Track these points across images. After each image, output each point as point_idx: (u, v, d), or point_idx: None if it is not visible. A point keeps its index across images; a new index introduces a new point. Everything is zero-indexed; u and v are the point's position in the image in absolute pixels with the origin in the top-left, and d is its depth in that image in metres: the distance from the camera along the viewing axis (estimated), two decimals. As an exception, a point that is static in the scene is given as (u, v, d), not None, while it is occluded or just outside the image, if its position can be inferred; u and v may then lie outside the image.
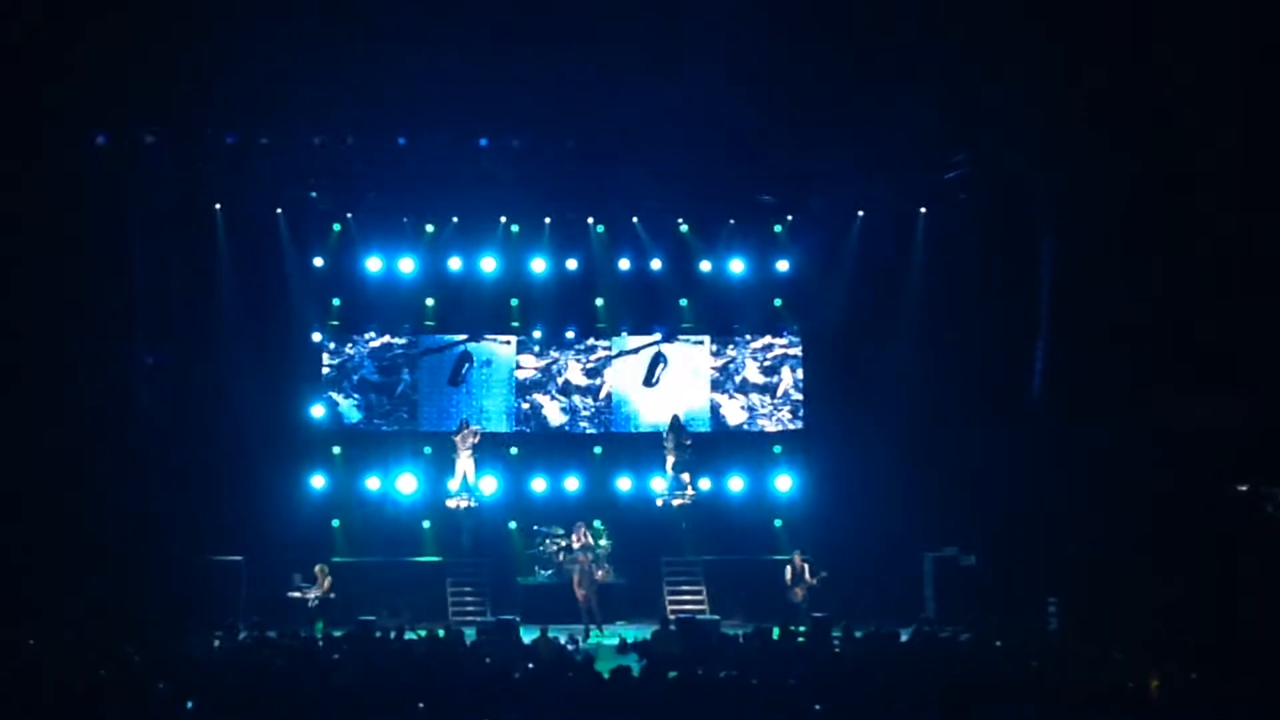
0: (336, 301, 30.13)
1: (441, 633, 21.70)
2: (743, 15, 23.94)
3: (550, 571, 28.63)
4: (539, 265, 30.32)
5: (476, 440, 29.54)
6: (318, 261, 29.87)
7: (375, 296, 30.23)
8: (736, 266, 30.60)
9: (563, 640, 22.67)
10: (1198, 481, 26.76)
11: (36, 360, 26.82)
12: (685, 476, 29.46)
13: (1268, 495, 26.49)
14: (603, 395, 30.66)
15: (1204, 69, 24.40)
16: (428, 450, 30.13)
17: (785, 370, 30.68)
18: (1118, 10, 23.74)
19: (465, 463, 29.51)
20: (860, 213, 29.94)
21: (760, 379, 30.72)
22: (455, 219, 30.02)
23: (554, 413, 30.59)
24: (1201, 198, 25.89)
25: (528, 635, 22.68)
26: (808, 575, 27.38)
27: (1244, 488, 26.57)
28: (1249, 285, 26.08)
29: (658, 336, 30.78)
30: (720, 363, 30.78)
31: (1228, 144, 25.04)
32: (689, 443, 29.74)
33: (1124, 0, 23.70)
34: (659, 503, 29.50)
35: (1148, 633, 19.82)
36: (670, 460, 29.61)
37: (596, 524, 28.91)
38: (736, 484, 30.49)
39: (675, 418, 29.93)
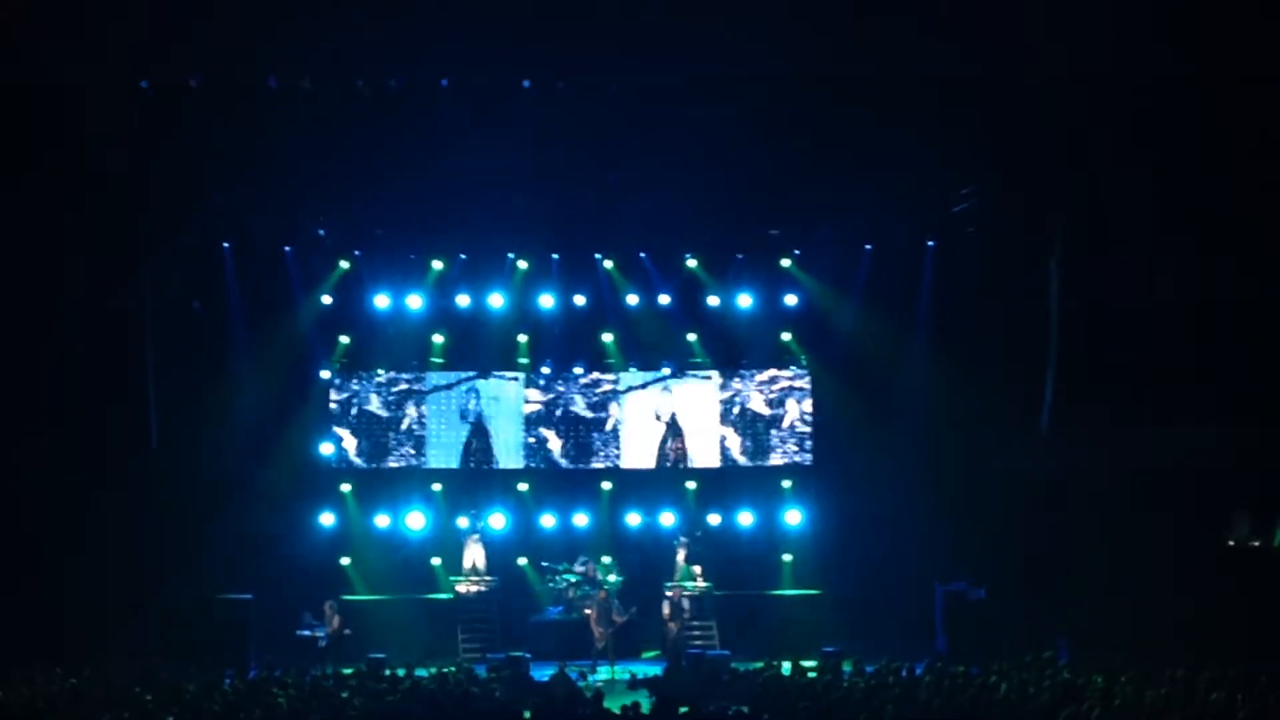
0: (344, 339, 30.10)
1: (451, 670, 21.61)
2: (750, 51, 23.99)
3: (561, 608, 28.53)
4: (547, 301, 30.30)
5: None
6: (326, 299, 29.89)
7: (383, 333, 30.21)
8: (744, 301, 30.53)
9: (571, 676, 22.56)
10: (1211, 511, 26.73)
11: (46, 399, 26.88)
12: (697, 569, 29.04)
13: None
14: (609, 429, 30.58)
15: (1212, 104, 24.48)
16: (437, 487, 30.09)
17: (791, 403, 30.54)
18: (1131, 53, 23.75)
19: (474, 550, 29.39)
20: (868, 246, 29.92)
21: (766, 411, 30.58)
22: (463, 256, 30.01)
23: (560, 448, 30.51)
24: (1212, 230, 25.95)
25: (538, 673, 22.58)
26: (686, 608, 27.54)
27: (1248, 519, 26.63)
28: (1261, 316, 26.14)
29: (666, 372, 30.70)
30: (726, 395, 30.67)
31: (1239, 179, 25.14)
32: (700, 534, 29.63)
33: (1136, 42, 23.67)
34: (670, 593, 28.16)
35: (1159, 664, 19.67)
36: (682, 554, 29.26)
37: (605, 560, 28.85)
38: (745, 519, 30.36)
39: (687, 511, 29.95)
